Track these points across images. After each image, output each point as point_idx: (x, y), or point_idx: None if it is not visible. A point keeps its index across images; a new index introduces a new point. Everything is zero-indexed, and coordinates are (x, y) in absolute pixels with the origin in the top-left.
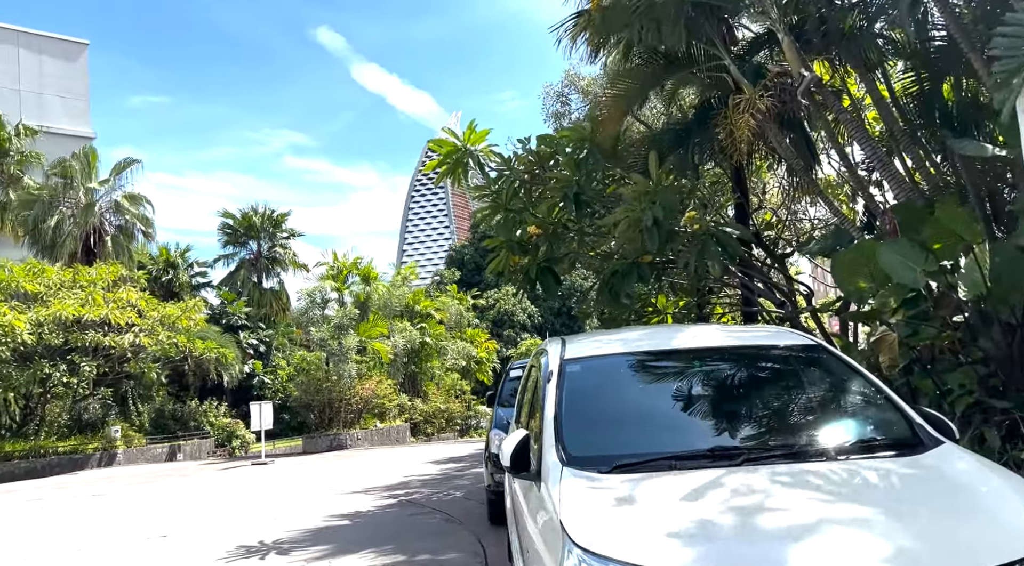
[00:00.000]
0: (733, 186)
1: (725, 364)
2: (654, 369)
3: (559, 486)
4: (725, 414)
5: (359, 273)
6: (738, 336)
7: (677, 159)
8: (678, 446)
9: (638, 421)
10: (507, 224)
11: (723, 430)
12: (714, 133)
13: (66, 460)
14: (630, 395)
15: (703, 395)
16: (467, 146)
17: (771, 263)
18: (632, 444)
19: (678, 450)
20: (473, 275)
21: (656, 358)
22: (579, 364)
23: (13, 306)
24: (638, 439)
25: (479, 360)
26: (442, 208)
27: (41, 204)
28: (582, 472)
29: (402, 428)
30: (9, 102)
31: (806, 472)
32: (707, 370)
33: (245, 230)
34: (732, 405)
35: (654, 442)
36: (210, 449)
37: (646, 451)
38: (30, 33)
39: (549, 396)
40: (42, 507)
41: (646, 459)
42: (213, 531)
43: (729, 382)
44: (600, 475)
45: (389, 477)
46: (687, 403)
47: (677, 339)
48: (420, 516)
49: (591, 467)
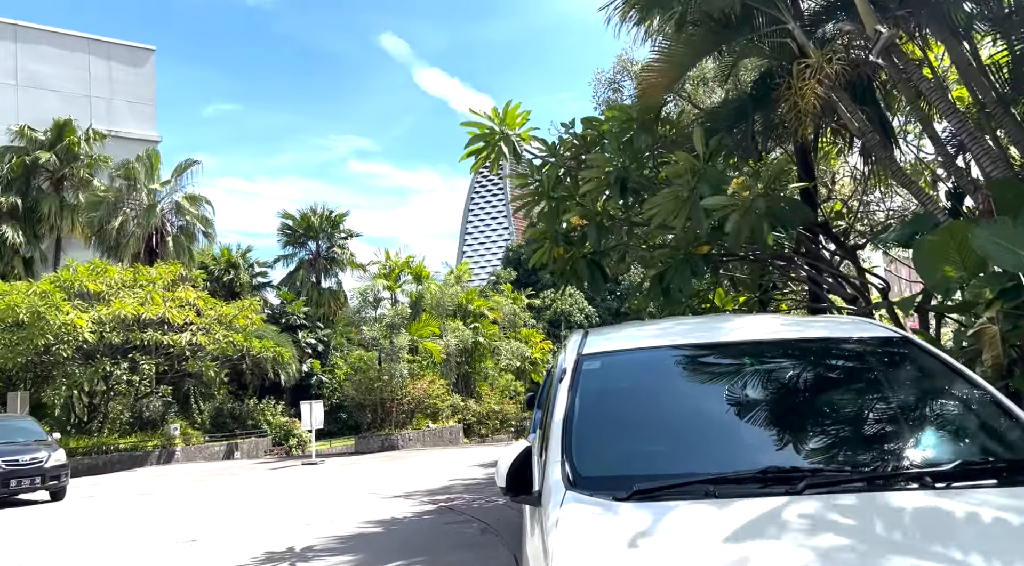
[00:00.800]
0: (798, 171)
1: (785, 361)
2: (694, 367)
3: (556, 517)
4: (783, 425)
5: (411, 272)
6: (802, 327)
7: (734, 140)
8: (720, 465)
9: (670, 432)
10: (551, 213)
11: (780, 445)
12: (775, 109)
13: (126, 457)
14: (662, 399)
15: (756, 400)
16: (503, 129)
17: (841, 255)
18: (660, 461)
19: (720, 471)
20: (529, 275)
21: (697, 353)
22: (599, 360)
23: (76, 305)
24: (668, 455)
25: (534, 361)
26: (501, 209)
27: (106, 206)
28: (590, 498)
29: (455, 429)
30: (80, 108)
31: (890, 506)
32: (762, 369)
33: (304, 231)
34: (793, 413)
35: (689, 459)
36: (267, 448)
37: (678, 471)
38: (100, 40)
39: (559, 399)
40: (89, 505)
41: (677, 482)
42: (244, 536)
43: (789, 384)
44: (614, 503)
45: (433, 480)
46: (735, 410)
47: (725, 330)
48: (457, 525)
49: (604, 491)
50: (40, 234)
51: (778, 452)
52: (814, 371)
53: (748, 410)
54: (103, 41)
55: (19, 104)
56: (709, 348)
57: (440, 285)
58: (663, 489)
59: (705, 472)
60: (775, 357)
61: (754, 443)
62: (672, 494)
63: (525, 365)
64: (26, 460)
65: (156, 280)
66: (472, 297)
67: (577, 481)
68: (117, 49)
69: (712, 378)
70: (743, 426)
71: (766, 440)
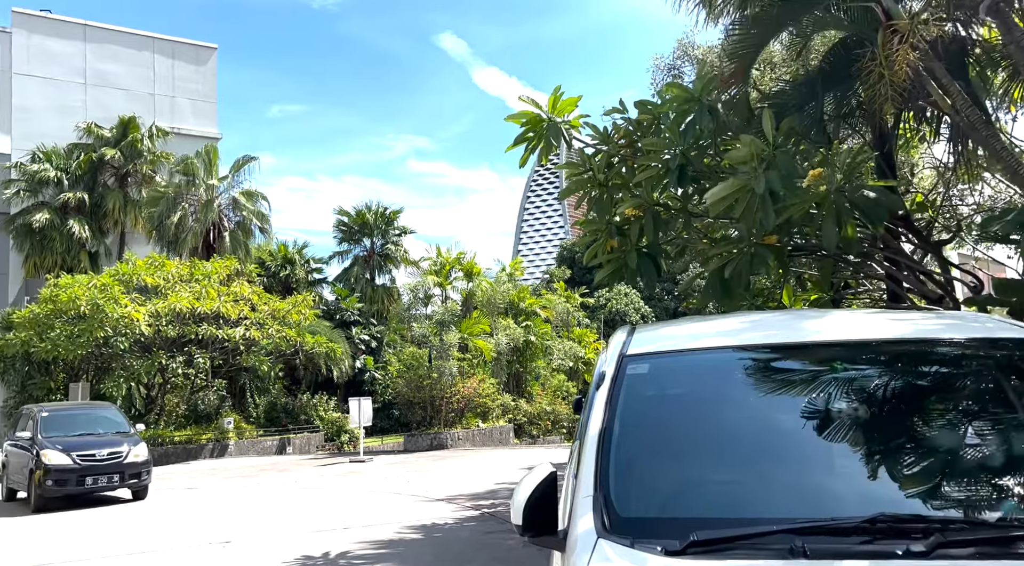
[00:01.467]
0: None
1: (894, 368)
2: (773, 374)
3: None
4: (896, 454)
5: (462, 268)
6: (915, 325)
7: (801, 124)
8: (810, 509)
9: (740, 460)
10: (603, 204)
11: (895, 484)
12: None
13: (181, 450)
14: (729, 415)
15: (857, 419)
16: (552, 117)
17: (925, 250)
18: (727, 501)
19: (810, 516)
20: (584, 274)
21: (777, 357)
22: (647, 363)
23: (133, 298)
24: (738, 492)
25: (587, 361)
26: (556, 207)
27: (166, 201)
28: (630, 551)
29: (505, 429)
30: (144, 105)
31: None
32: (865, 378)
33: (359, 227)
34: (908, 439)
35: (767, 499)
36: (319, 443)
37: (751, 515)
38: (164, 39)
39: (595, 411)
40: (131, 499)
41: (750, 531)
42: (279, 538)
43: (902, 399)
44: (663, 559)
45: (478, 484)
46: (829, 433)
47: (812, 327)
48: (498, 534)
49: (649, 541)
50: (105, 229)
51: (891, 493)
52: (936, 382)
53: (846, 433)
54: (167, 40)
55: (87, 102)
56: (792, 350)
57: (491, 282)
58: (731, 540)
59: (789, 518)
60: (881, 363)
61: (857, 479)
62: (744, 549)
63: (578, 365)
64: (104, 455)
65: (211, 274)
66: (524, 295)
67: (614, 525)
68: (181, 47)
69: (797, 389)
70: (841, 455)
71: (874, 475)
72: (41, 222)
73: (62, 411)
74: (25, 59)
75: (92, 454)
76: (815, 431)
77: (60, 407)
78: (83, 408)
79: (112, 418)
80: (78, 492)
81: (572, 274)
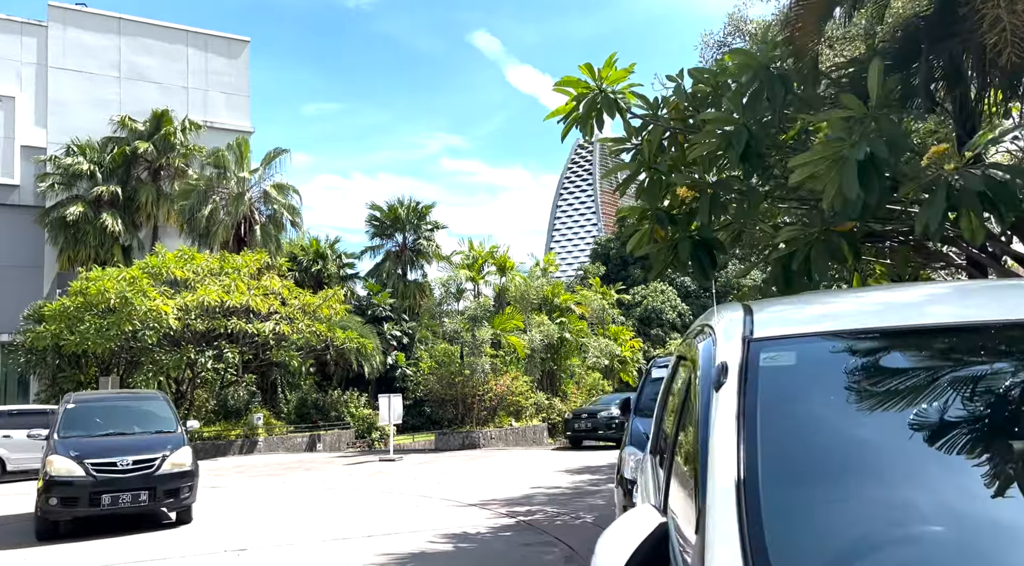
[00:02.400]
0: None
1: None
2: (966, 364)
3: None
4: None
5: (495, 262)
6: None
7: (907, 83)
8: None
9: (960, 498)
10: (652, 187)
11: None
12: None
13: (210, 445)
14: (937, 431)
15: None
16: (603, 86)
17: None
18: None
19: None
20: (619, 270)
21: (968, 340)
22: (792, 350)
23: (162, 291)
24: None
25: (623, 359)
26: (589, 204)
27: (197, 194)
28: None
29: (539, 428)
30: (177, 98)
31: None
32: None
33: (391, 222)
34: None
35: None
36: (349, 440)
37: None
38: (197, 32)
39: (720, 429)
40: None
41: None
42: (298, 546)
43: None
44: None
45: (513, 487)
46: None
47: (997, 303)
48: (536, 547)
49: None
50: (138, 223)
51: None
52: None
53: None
54: (200, 33)
55: (121, 95)
56: (990, 331)
57: (525, 277)
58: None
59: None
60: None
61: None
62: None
63: (614, 363)
64: (128, 464)
65: (241, 268)
66: (559, 290)
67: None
68: (214, 41)
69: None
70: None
71: None
72: (75, 215)
73: (93, 402)
74: (61, 53)
75: (112, 463)
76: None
77: (93, 397)
78: (123, 399)
79: (157, 413)
80: (91, 514)
81: (607, 270)
